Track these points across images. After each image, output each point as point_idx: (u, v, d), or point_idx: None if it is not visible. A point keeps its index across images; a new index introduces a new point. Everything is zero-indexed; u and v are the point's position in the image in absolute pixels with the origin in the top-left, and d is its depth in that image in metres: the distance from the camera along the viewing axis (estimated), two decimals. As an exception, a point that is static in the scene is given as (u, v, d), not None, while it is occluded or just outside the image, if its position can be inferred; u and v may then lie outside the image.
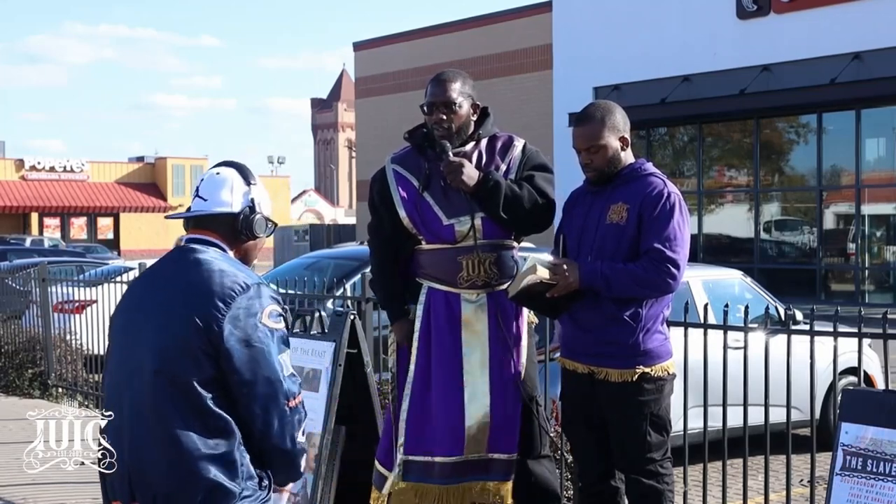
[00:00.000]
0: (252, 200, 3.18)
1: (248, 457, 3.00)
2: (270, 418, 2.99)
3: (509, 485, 4.54)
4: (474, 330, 4.49)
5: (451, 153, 4.42)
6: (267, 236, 3.27)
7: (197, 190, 3.19)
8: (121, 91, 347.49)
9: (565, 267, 4.17)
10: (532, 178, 4.51)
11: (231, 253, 3.17)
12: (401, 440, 4.51)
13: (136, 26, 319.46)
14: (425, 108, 4.54)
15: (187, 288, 3.02)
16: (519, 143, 4.64)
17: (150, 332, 3.02)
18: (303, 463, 3.13)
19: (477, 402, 4.46)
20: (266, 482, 3.06)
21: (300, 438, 3.07)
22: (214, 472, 2.93)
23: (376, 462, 4.73)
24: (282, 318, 3.08)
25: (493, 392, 4.47)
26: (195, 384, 2.94)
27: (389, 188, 4.59)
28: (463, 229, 4.46)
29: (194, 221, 3.19)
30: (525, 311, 4.63)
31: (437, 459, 4.47)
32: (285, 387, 3.01)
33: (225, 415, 2.97)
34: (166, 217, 3.29)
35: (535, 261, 4.19)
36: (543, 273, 4.17)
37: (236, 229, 3.16)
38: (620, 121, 4.35)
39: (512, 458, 4.52)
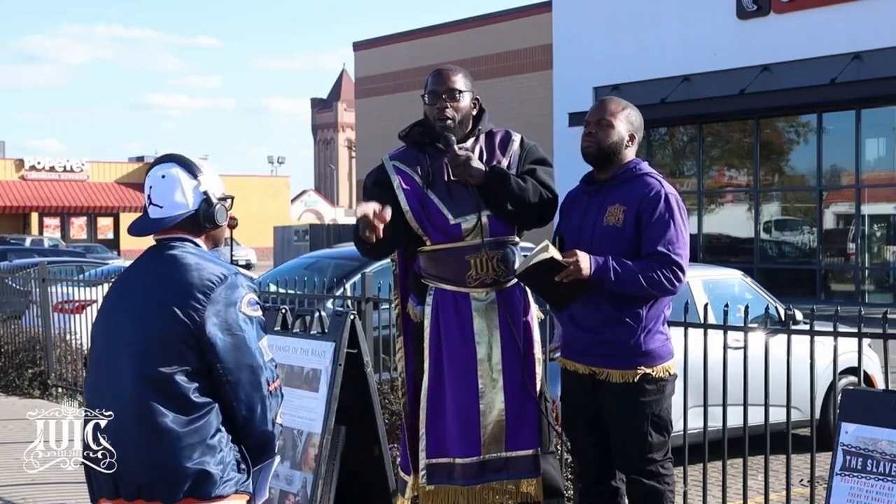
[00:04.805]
0: (205, 193, 3.23)
1: (228, 441, 3.10)
2: (254, 404, 3.10)
3: (537, 481, 4.48)
4: (485, 328, 4.46)
5: (456, 147, 4.40)
6: (229, 211, 3.33)
7: (149, 198, 3.23)
8: (119, 91, 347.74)
9: (578, 254, 4.17)
10: (534, 172, 4.48)
11: (202, 243, 3.25)
12: (422, 444, 4.49)
13: (133, 26, 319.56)
14: (426, 99, 4.49)
15: (165, 283, 3.10)
16: (517, 138, 4.60)
17: (129, 330, 3.10)
18: (278, 443, 3.25)
19: (491, 401, 4.44)
20: (244, 466, 3.15)
21: (278, 420, 3.21)
22: (198, 459, 3.02)
23: (398, 469, 4.74)
24: (258, 305, 3.18)
25: (507, 389, 4.45)
26: (177, 378, 3.03)
27: (389, 177, 4.50)
28: (469, 227, 4.42)
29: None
30: (533, 307, 4.62)
31: (457, 461, 4.45)
32: (266, 373, 3.12)
33: (209, 401, 3.07)
34: (130, 234, 3.32)
35: (547, 242, 4.19)
36: (556, 252, 4.15)
37: (199, 223, 3.23)
38: (636, 120, 4.41)
39: (535, 453, 4.48)
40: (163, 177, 3.22)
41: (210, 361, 3.06)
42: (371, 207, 4.13)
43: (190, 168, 3.26)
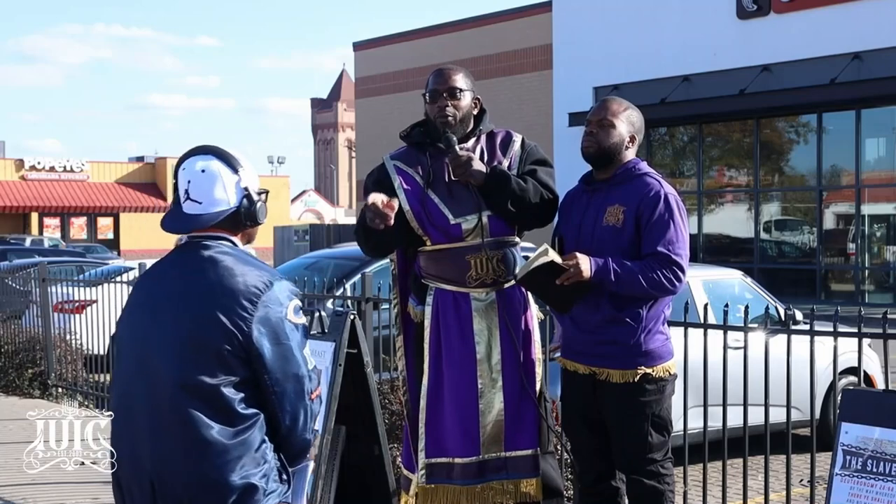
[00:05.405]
0: (246, 189, 3.06)
1: (272, 451, 2.99)
2: (298, 413, 2.99)
3: (536, 480, 4.49)
4: (485, 328, 4.46)
5: (457, 147, 4.40)
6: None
7: (187, 192, 3.03)
8: (117, 91, 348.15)
9: (577, 256, 4.17)
10: (535, 173, 4.48)
11: (238, 241, 3.09)
12: (421, 444, 4.49)
13: (132, 26, 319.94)
14: (427, 97, 4.49)
15: (206, 287, 2.93)
16: (518, 138, 4.61)
17: (165, 336, 2.92)
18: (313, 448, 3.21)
19: (490, 401, 4.44)
20: (285, 476, 3.04)
21: (316, 427, 3.12)
22: (244, 472, 2.89)
23: (401, 467, 4.74)
24: (302, 310, 3.05)
25: (506, 389, 4.45)
26: (222, 388, 2.89)
27: (390, 178, 4.50)
28: (470, 227, 4.42)
29: None
30: (533, 307, 4.62)
31: (456, 461, 4.45)
32: (311, 382, 3.02)
33: (255, 412, 2.94)
34: (163, 229, 3.11)
35: (546, 245, 4.19)
36: (555, 256, 4.15)
37: (239, 221, 3.06)
38: (637, 121, 4.42)
39: (534, 453, 4.48)
40: (202, 171, 3.02)
41: (257, 371, 2.91)
42: (379, 197, 4.16)
43: (230, 162, 3.06)
